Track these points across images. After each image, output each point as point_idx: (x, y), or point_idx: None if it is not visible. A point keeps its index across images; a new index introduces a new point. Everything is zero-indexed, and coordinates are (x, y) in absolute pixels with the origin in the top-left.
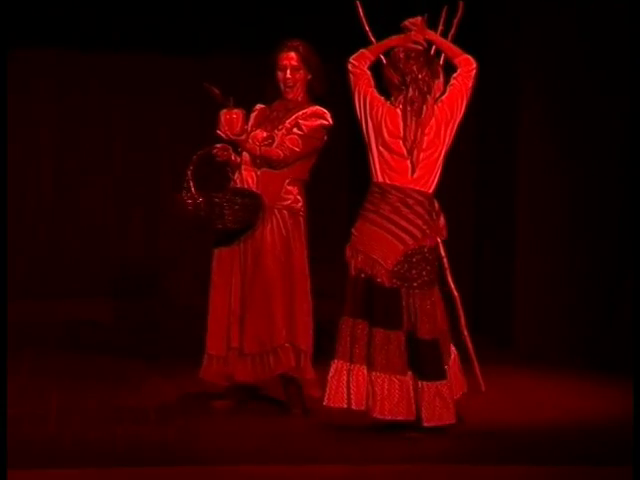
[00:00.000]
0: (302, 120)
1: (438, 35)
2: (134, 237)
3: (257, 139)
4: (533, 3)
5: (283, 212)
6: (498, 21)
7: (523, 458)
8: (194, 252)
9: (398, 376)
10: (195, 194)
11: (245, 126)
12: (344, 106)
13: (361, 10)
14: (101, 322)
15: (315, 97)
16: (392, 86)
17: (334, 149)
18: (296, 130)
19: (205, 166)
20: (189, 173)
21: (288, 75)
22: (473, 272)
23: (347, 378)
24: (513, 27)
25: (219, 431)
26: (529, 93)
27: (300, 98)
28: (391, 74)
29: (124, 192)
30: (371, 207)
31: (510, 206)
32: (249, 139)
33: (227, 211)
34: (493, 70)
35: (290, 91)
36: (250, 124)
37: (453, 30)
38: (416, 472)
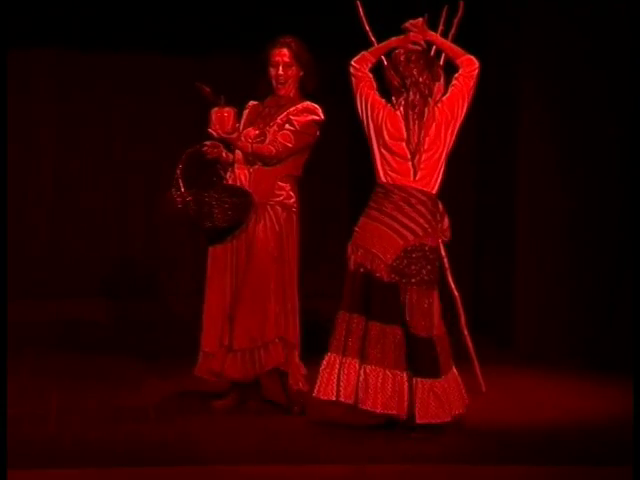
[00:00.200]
0: (294, 116)
1: (439, 36)
2: (134, 237)
3: (249, 137)
4: (533, 3)
5: (276, 208)
6: (498, 21)
7: (523, 458)
8: (194, 252)
9: (392, 370)
10: (184, 193)
11: (237, 124)
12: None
13: (361, 10)
14: (101, 322)
15: (307, 93)
16: (393, 88)
17: (334, 149)
18: (288, 126)
19: (197, 164)
20: (178, 171)
21: (280, 72)
22: (473, 272)
23: (338, 371)
24: (513, 27)
25: (219, 431)
26: (529, 93)
27: (292, 94)
28: (392, 76)
29: (124, 192)
30: (374, 205)
31: (510, 206)
32: (242, 137)
33: (216, 210)
34: (493, 70)
35: (282, 87)
36: (243, 121)
37: (453, 30)
38: (416, 472)
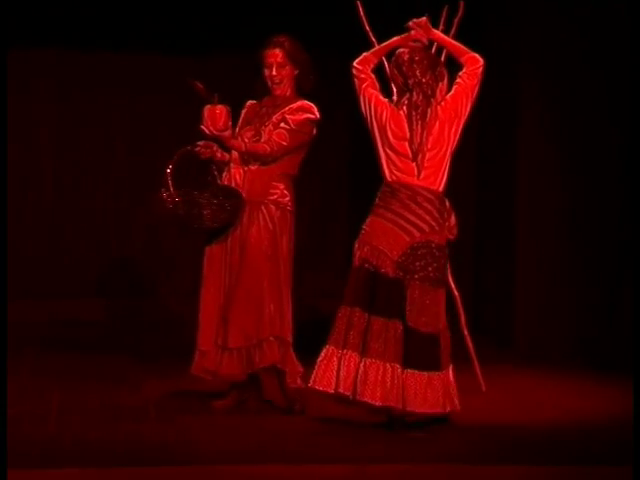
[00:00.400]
0: (289, 115)
1: (443, 34)
2: (134, 237)
3: (245, 137)
4: (533, 3)
5: (270, 207)
6: (498, 21)
7: (523, 458)
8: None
9: (392, 364)
10: (173, 193)
11: (229, 122)
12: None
13: (361, 10)
14: (101, 322)
15: (305, 92)
16: (396, 87)
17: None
18: (283, 125)
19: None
20: (168, 171)
21: (274, 72)
22: (473, 272)
23: (337, 363)
24: (513, 27)
25: (219, 431)
26: (529, 93)
27: (288, 94)
28: (395, 75)
29: (124, 192)
30: (381, 203)
31: (510, 206)
32: (238, 137)
33: (205, 210)
34: (493, 70)
35: (277, 87)
36: (240, 120)
37: (453, 30)
38: (416, 472)
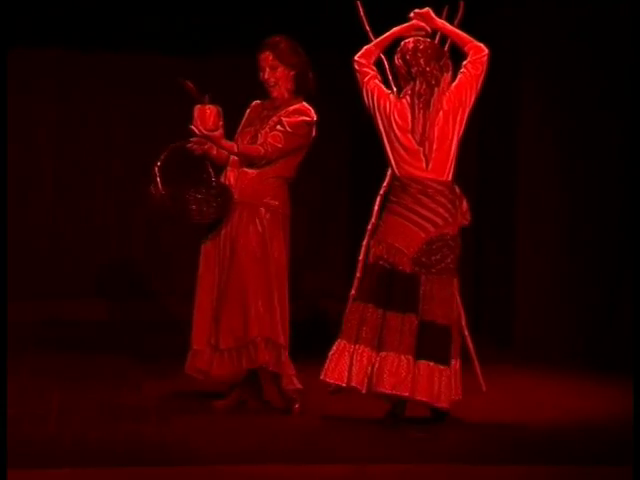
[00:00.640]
0: (285, 117)
1: (446, 23)
2: (134, 237)
3: (245, 138)
4: (533, 3)
5: (260, 209)
6: (498, 21)
7: (523, 458)
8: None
9: (406, 356)
10: (161, 188)
11: (219, 122)
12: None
13: (361, 10)
14: (101, 322)
15: (305, 92)
16: (400, 75)
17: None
18: (279, 127)
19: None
20: (156, 167)
21: (266, 76)
22: (473, 272)
23: (350, 358)
24: (513, 27)
25: (219, 431)
26: (529, 93)
27: (286, 96)
28: (399, 64)
29: (124, 192)
30: (394, 199)
31: (510, 206)
32: (237, 137)
33: (192, 206)
34: (493, 70)
35: (273, 90)
36: (243, 120)
37: None
38: (416, 472)
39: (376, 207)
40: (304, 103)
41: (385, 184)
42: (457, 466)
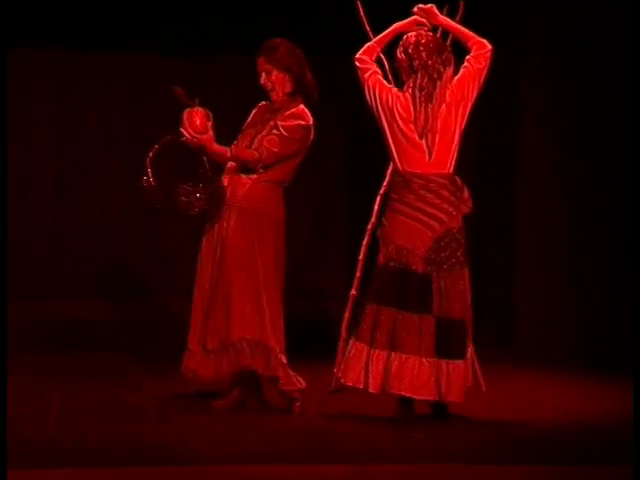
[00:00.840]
0: (280, 121)
1: (449, 19)
2: (134, 237)
3: (245, 140)
4: (533, 3)
5: (249, 212)
6: (498, 21)
7: (523, 458)
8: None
9: (428, 359)
10: (152, 180)
11: (208, 124)
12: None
13: (361, 10)
14: (101, 322)
15: (305, 95)
16: (402, 69)
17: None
18: (274, 131)
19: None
20: (148, 159)
21: (262, 80)
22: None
23: (366, 362)
24: (513, 27)
25: (219, 431)
26: (530, 93)
27: (285, 99)
28: (401, 57)
29: (124, 192)
30: (396, 197)
31: (510, 206)
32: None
33: (181, 198)
34: (493, 70)
35: (272, 93)
36: (247, 121)
37: None
38: (416, 472)
39: (376, 207)
40: (301, 106)
41: (385, 183)
42: (457, 466)
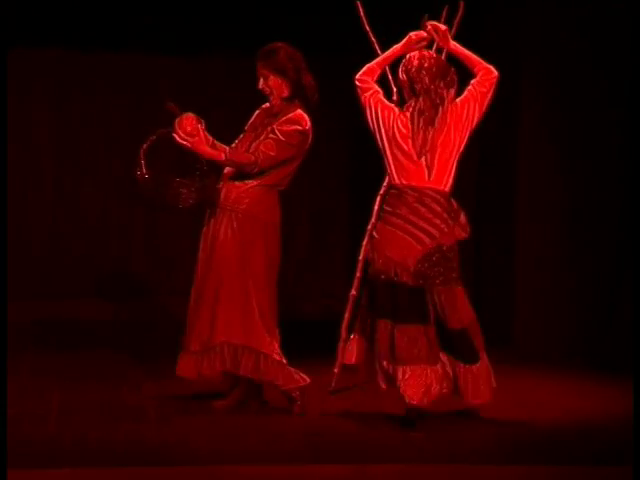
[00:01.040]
0: (277, 126)
1: (459, 45)
2: (134, 237)
3: (245, 142)
4: (533, 3)
5: (238, 215)
6: (498, 21)
7: (523, 458)
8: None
9: (430, 366)
10: (145, 171)
11: (199, 126)
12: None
13: (361, 10)
14: (101, 322)
15: (302, 99)
16: (403, 89)
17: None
18: (271, 135)
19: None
20: (142, 151)
21: (260, 85)
22: (473, 272)
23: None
24: (513, 27)
25: (219, 431)
26: (529, 93)
27: (284, 103)
28: (403, 78)
29: (124, 192)
30: (389, 209)
31: (510, 206)
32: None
33: (172, 190)
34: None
35: (270, 98)
36: (249, 123)
37: (453, 30)
38: (416, 472)
39: (376, 207)
40: (299, 111)
41: (385, 184)
42: (457, 466)
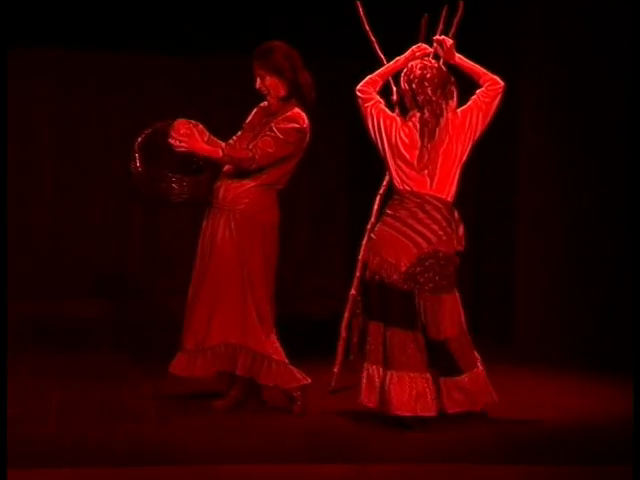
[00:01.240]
0: (275, 124)
1: (464, 59)
2: (134, 237)
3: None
4: (533, 2)
5: (236, 216)
6: (498, 20)
7: (523, 458)
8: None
9: (419, 374)
10: (139, 165)
11: (193, 128)
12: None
13: (361, 10)
14: (101, 322)
15: (299, 98)
16: (406, 97)
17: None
18: (269, 133)
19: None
20: (136, 144)
21: (257, 85)
22: (473, 272)
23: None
24: (513, 27)
25: (219, 431)
26: (529, 93)
27: (281, 102)
28: (405, 88)
29: (124, 192)
30: (390, 212)
31: (510, 206)
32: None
33: (165, 185)
34: (493, 70)
35: (268, 97)
36: (247, 121)
37: (453, 30)
38: (416, 472)
39: (376, 206)
40: (296, 109)
41: (385, 184)
42: (457, 466)
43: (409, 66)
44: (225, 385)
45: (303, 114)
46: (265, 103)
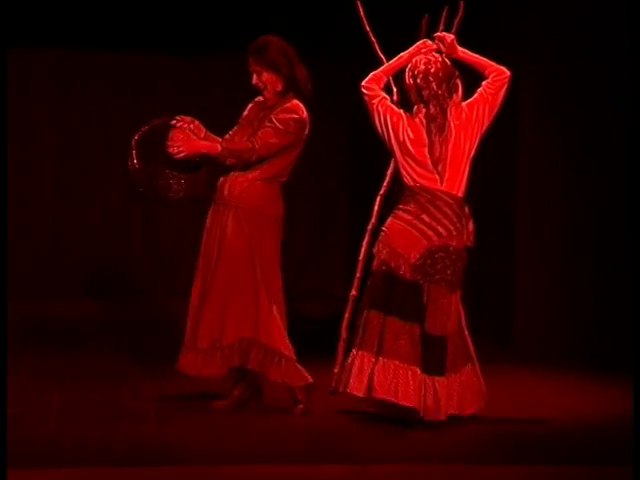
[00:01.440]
0: (274, 115)
1: (467, 52)
2: (134, 237)
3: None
4: (533, 2)
5: (246, 211)
6: (498, 21)
7: (523, 458)
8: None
9: (410, 367)
10: (136, 162)
11: (186, 131)
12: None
13: (361, 10)
14: (101, 322)
15: (296, 92)
16: (410, 93)
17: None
18: (268, 123)
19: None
20: (133, 141)
21: (254, 81)
22: (473, 272)
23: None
24: (513, 27)
25: (219, 431)
26: (529, 92)
27: (278, 97)
28: (410, 83)
29: (124, 192)
30: (401, 206)
31: (510, 206)
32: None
33: (162, 181)
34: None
35: (265, 93)
36: (243, 115)
37: (453, 30)
38: (416, 472)
39: (376, 207)
40: (295, 101)
41: (385, 184)
42: (457, 466)
43: (413, 61)
44: (229, 384)
45: (301, 105)
46: (260, 98)
